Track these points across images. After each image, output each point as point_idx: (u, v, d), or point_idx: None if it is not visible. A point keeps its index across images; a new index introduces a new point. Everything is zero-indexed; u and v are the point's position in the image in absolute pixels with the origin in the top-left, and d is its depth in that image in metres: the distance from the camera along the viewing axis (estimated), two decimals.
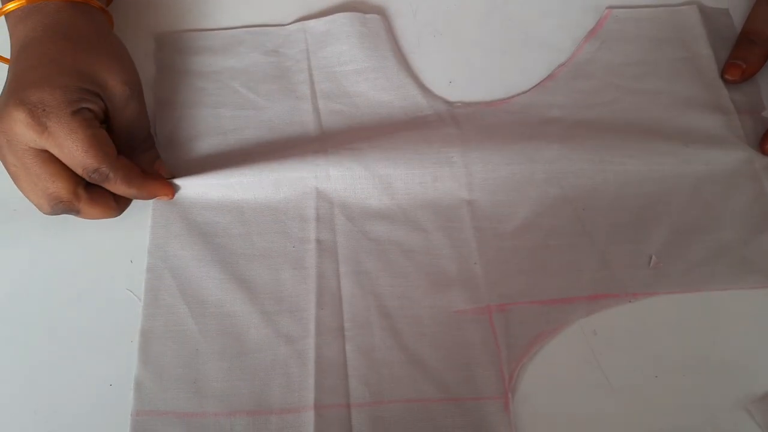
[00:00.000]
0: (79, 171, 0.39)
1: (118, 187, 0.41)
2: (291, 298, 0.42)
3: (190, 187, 0.45)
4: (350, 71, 0.50)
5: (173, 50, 0.52)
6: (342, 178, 0.46)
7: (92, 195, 0.41)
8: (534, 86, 0.52)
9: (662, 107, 0.50)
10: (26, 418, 0.39)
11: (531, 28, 0.54)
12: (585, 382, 0.41)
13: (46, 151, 0.38)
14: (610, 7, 0.55)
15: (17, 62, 0.40)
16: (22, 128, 0.37)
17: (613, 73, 0.52)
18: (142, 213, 0.45)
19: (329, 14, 0.52)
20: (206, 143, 0.48)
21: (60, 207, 0.39)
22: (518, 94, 0.51)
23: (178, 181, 0.45)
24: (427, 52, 0.53)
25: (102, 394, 0.40)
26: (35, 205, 0.40)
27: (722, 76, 0.50)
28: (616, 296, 0.43)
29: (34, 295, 0.43)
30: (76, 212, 0.41)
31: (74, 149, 0.38)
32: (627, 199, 0.46)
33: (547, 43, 0.54)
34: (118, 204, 0.43)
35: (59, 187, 0.39)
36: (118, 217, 0.43)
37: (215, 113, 0.49)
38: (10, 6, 0.41)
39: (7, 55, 0.43)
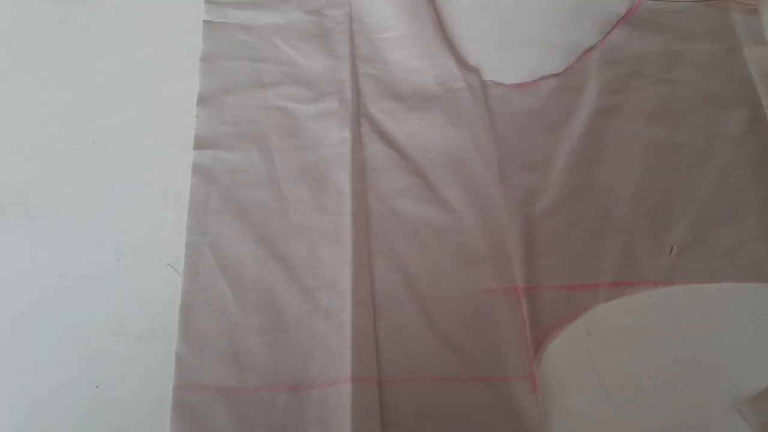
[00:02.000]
0: None
1: None
2: (328, 272, 0.43)
3: (228, 161, 0.45)
4: (389, 38, 0.51)
5: (221, 1, 0.52)
6: (374, 159, 0.47)
7: None
8: (563, 70, 0.52)
9: (688, 98, 0.51)
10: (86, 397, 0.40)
11: (570, 11, 0.55)
12: (579, 382, 0.42)
13: None
14: None
15: None
16: None
17: (641, 62, 0.52)
18: (182, 189, 0.45)
19: None
20: (245, 96, 0.48)
21: None
22: (548, 77, 0.52)
23: (215, 161, 0.45)
24: (467, 24, 0.53)
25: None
26: None
27: None
28: (638, 284, 0.45)
29: (83, 269, 0.43)
30: None
31: None
32: (651, 188, 0.48)
33: (579, 27, 0.54)
34: None
35: None
36: (157, 191, 0.44)
37: (255, 67, 0.49)
38: None
39: None
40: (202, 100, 0.48)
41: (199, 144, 0.46)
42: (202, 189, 0.45)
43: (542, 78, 0.52)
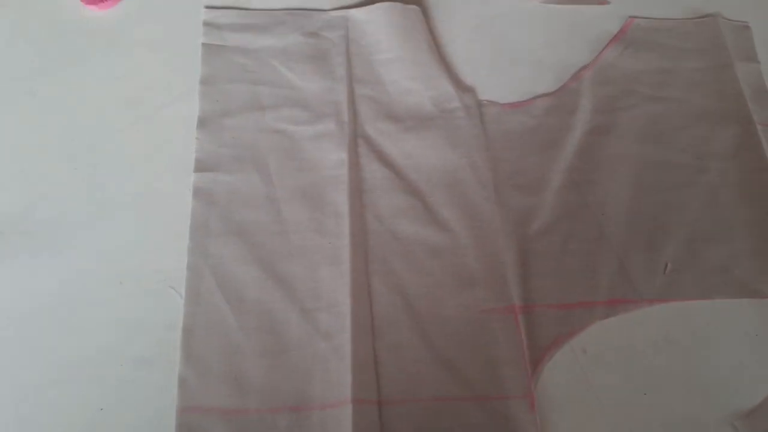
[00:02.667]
0: None
1: None
2: (328, 294, 0.43)
3: (228, 183, 0.46)
4: (385, 60, 0.51)
5: (219, 24, 0.52)
6: (371, 179, 0.48)
7: None
8: (557, 89, 0.53)
9: (679, 116, 0.52)
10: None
11: (562, 31, 0.56)
12: (575, 400, 0.42)
13: None
14: (633, 17, 0.56)
15: None
16: None
17: (633, 80, 0.53)
18: (182, 211, 0.45)
19: (369, 3, 0.53)
20: (244, 118, 0.49)
21: None
22: (542, 96, 0.52)
23: (216, 183, 0.46)
24: (461, 45, 0.54)
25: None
26: None
27: None
28: (633, 302, 0.45)
29: (80, 295, 0.43)
30: None
31: None
32: (643, 206, 0.48)
33: (571, 47, 0.55)
34: None
35: None
36: (158, 217, 0.45)
37: (253, 89, 0.50)
38: None
39: None
40: (202, 123, 0.48)
41: (200, 167, 0.47)
42: (203, 211, 0.45)
43: (536, 97, 0.53)
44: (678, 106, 0.53)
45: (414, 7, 0.53)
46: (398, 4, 0.52)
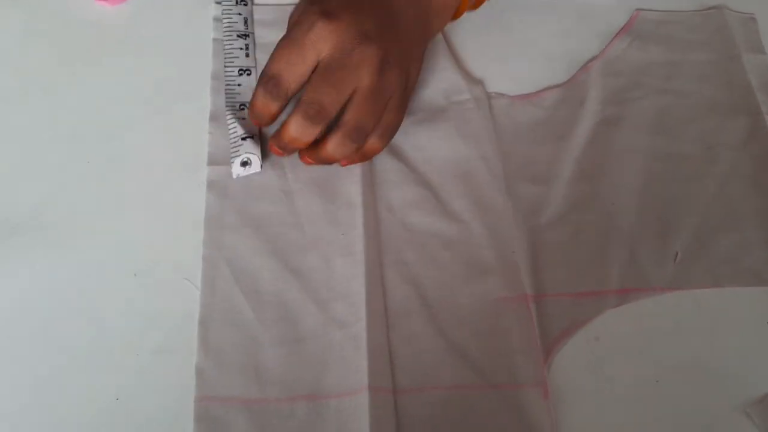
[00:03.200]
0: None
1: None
2: (343, 284, 0.44)
3: (244, 178, 0.47)
4: None
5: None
6: (383, 172, 0.48)
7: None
8: (566, 81, 0.53)
9: (688, 108, 0.52)
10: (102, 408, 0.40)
11: (571, 22, 0.56)
12: (588, 387, 0.43)
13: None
14: (640, 9, 0.56)
15: None
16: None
17: (641, 72, 0.54)
18: (196, 204, 0.46)
19: None
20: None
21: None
22: (551, 87, 0.53)
23: (229, 176, 0.47)
24: (471, 39, 0.55)
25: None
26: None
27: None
28: (644, 290, 0.46)
29: (91, 287, 0.44)
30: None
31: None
32: (653, 197, 0.49)
33: (580, 39, 0.56)
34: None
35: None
36: (172, 207, 0.46)
37: None
38: None
39: None
40: (215, 117, 0.49)
41: (213, 160, 0.47)
42: (217, 204, 0.46)
43: (545, 89, 0.53)
44: (687, 98, 0.53)
45: None
46: None
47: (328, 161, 0.45)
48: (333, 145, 0.43)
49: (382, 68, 0.42)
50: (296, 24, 0.42)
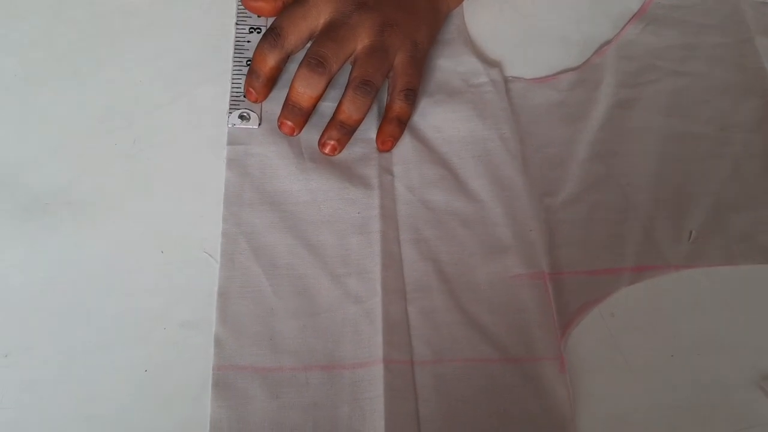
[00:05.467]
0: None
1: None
2: (358, 260, 0.45)
3: (260, 155, 0.48)
4: None
5: None
6: (402, 152, 0.49)
7: None
8: (582, 64, 0.54)
9: (702, 89, 0.53)
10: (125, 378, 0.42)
11: (586, 7, 0.57)
12: (604, 362, 0.43)
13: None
14: None
15: None
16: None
17: (655, 56, 0.54)
18: (217, 183, 0.47)
19: None
20: (275, 93, 0.50)
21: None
22: (567, 70, 0.54)
23: (248, 156, 0.48)
24: (486, 23, 0.56)
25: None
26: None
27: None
28: (659, 268, 0.46)
29: (116, 262, 0.45)
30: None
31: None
32: (668, 176, 0.49)
33: (595, 23, 0.56)
34: None
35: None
36: (195, 186, 0.47)
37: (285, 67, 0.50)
38: None
39: None
40: None
41: (233, 140, 0.48)
42: (236, 182, 0.47)
43: (561, 72, 0.54)
44: (701, 80, 0.54)
45: None
46: None
47: (349, 123, 0.47)
48: (347, 103, 0.46)
49: (381, 30, 0.45)
50: None
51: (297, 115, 0.47)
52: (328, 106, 0.49)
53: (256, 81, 0.48)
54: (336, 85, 0.49)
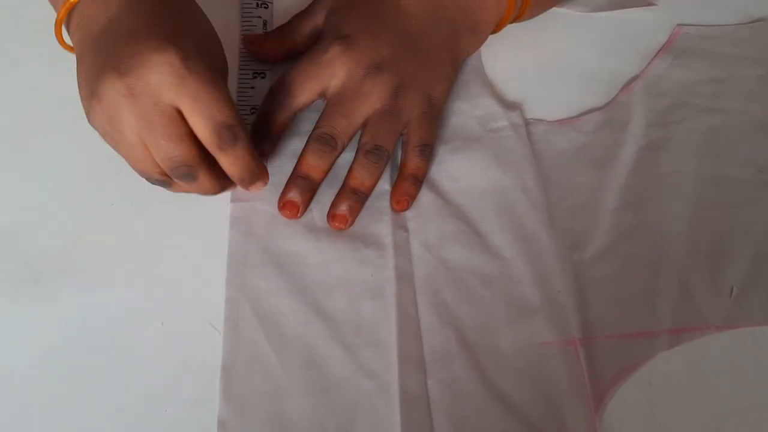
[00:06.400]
0: (208, 128, 0.37)
1: (240, 153, 0.38)
2: (371, 329, 0.42)
3: (266, 213, 0.45)
4: None
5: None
6: (417, 206, 0.46)
7: (211, 162, 0.39)
8: (607, 103, 0.51)
9: (737, 127, 0.50)
10: None
11: (610, 41, 0.54)
12: None
13: (176, 110, 0.36)
14: (681, 25, 0.53)
15: (117, 25, 0.38)
16: (161, 74, 0.35)
17: (685, 91, 0.51)
18: (219, 243, 0.44)
19: None
20: (281, 145, 0.47)
21: (179, 171, 0.37)
22: (591, 111, 0.50)
23: (253, 213, 0.45)
24: (505, 61, 0.53)
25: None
26: (141, 172, 0.39)
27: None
28: (698, 329, 0.43)
29: (115, 332, 0.42)
30: (191, 179, 0.38)
31: (212, 101, 0.36)
32: (705, 225, 0.46)
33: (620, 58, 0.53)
34: (223, 181, 0.41)
35: (184, 150, 0.37)
36: (197, 247, 0.43)
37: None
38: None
39: None
40: None
41: (236, 196, 0.45)
42: (240, 242, 0.44)
43: (586, 112, 0.51)
44: (736, 117, 0.50)
45: None
46: None
47: (362, 190, 0.44)
48: (359, 168, 0.44)
49: (395, 93, 0.43)
50: (316, 43, 0.44)
51: (306, 190, 0.44)
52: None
53: (267, 142, 0.46)
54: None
